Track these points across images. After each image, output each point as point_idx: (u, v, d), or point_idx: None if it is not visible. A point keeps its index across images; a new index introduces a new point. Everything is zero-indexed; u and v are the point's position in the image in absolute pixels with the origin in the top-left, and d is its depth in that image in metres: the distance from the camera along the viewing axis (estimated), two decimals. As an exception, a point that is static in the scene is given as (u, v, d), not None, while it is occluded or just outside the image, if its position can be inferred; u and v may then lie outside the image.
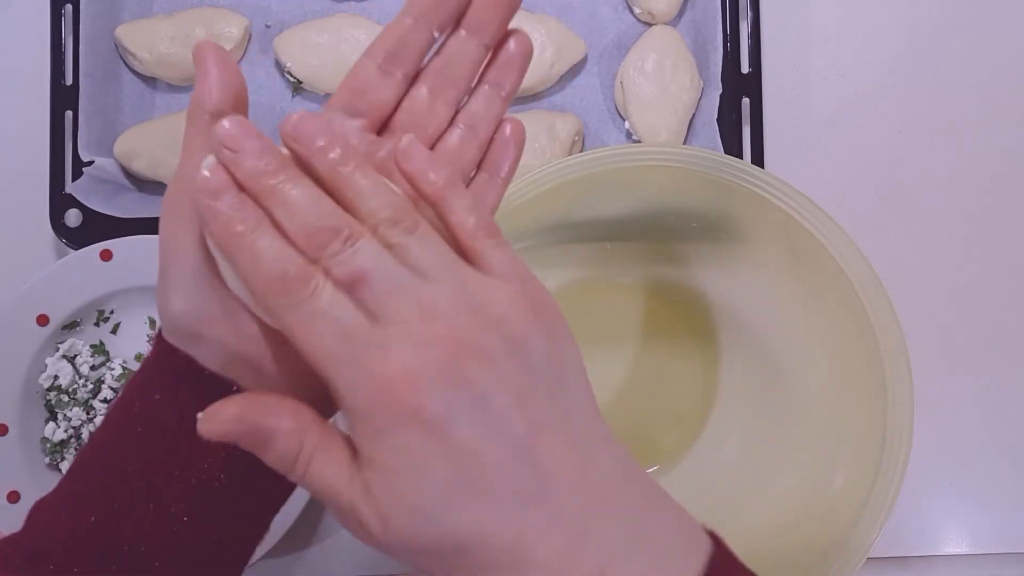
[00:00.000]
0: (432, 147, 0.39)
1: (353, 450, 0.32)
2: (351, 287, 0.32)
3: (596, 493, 0.32)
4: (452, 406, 0.30)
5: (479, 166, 0.40)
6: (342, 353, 0.31)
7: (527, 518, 0.31)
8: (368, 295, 0.32)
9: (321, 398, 0.36)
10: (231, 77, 0.36)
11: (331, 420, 0.35)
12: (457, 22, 0.39)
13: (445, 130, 0.40)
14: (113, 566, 0.35)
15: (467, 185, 0.40)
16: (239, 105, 0.36)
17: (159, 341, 0.37)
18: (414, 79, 0.39)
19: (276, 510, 0.39)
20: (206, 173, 0.33)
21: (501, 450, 0.31)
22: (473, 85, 0.40)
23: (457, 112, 0.40)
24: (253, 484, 0.37)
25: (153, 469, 0.35)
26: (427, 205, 0.35)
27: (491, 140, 0.40)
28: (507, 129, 0.40)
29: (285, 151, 0.34)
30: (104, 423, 0.37)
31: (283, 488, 0.38)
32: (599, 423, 0.34)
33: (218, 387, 0.35)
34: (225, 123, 0.33)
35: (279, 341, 0.35)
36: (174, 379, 0.36)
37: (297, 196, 0.33)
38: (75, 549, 0.35)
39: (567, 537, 0.31)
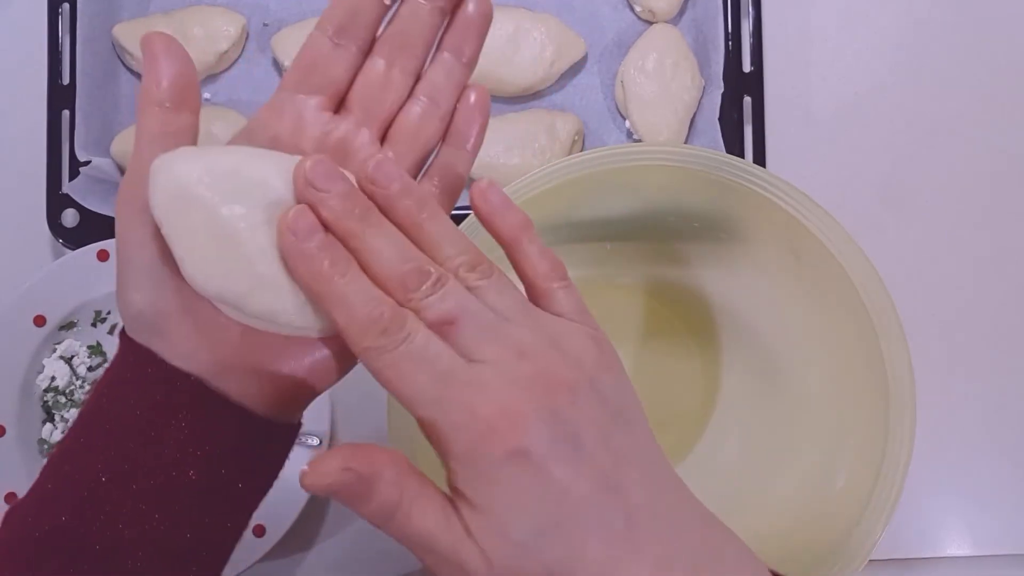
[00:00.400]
0: (392, 120, 0.39)
1: (445, 496, 0.33)
2: (443, 329, 0.33)
3: (673, 524, 0.33)
4: (551, 443, 0.31)
5: (444, 138, 0.40)
6: (441, 393, 0.32)
7: (616, 548, 0.32)
8: (461, 336, 0.33)
9: (282, 395, 0.36)
10: (180, 66, 0.35)
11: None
12: None
13: (405, 102, 0.39)
14: (86, 566, 0.34)
15: (432, 160, 0.40)
16: (189, 95, 0.36)
17: (122, 338, 0.36)
18: (368, 50, 0.38)
19: (252, 509, 0.38)
20: (291, 216, 0.33)
21: (592, 484, 0.32)
22: (432, 53, 0.39)
23: (417, 82, 0.39)
24: (227, 482, 0.36)
25: (123, 467, 0.35)
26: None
27: (454, 110, 0.39)
28: (471, 96, 0.39)
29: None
30: (75, 423, 0.37)
31: (258, 487, 0.38)
32: (663, 456, 0.35)
33: (183, 382, 0.35)
34: (311, 163, 0.33)
35: (241, 334, 0.35)
36: (138, 375, 0.35)
37: (384, 239, 0.34)
38: (47, 549, 0.35)
39: (651, 567, 0.32)
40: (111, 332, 0.65)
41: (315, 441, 0.60)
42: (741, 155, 0.65)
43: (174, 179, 0.33)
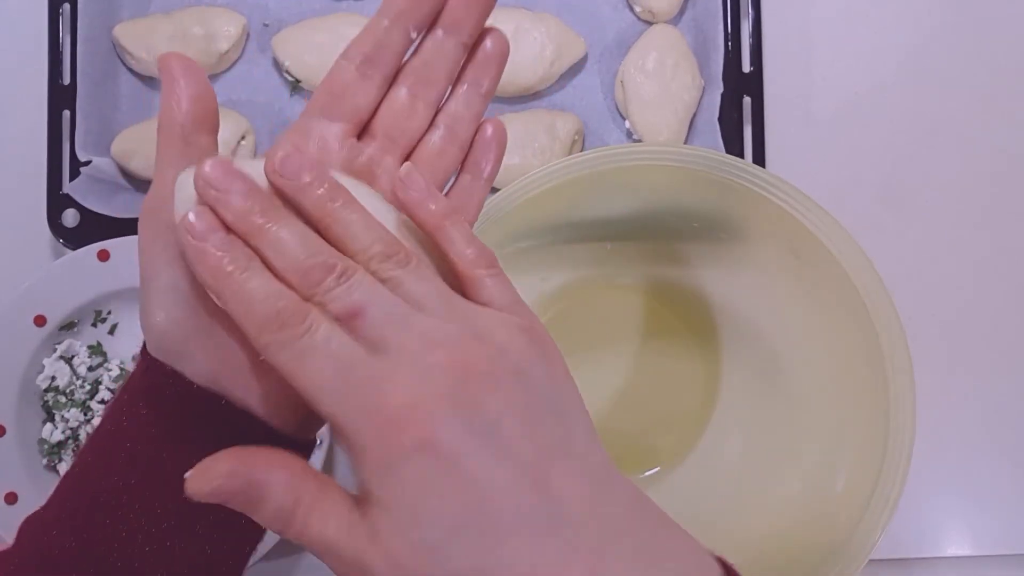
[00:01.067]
0: (413, 149, 0.39)
1: (350, 499, 0.31)
2: (348, 321, 0.31)
3: (608, 520, 0.31)
4: (462, 432, 0.29)
5: (461, 167, 0.40)
6: (343, 387, 0.30)
7: (541, 549, 0.29)
8: (367, 327, 0.31)
9: (304, 411, 0.35)
10: (199, 87, 0.35)
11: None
12: (433, 22, 0.39)
13: (425, 131, 0.40)
14: None
15: (450, 187, 0.41)
16: (209, 116, 0.36)
17: (144, 356, 0.36)
18: (392, 80, 0.39)
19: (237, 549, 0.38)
20: (191, 218, 0.32)
21: (512, 477, 0.30)
22: (452, 85, 0.40)
23: (437, 113, 0.40)
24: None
25: (142, 485, 0.35)
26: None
27: (472, 141, 0.40)
28: (488, 130, 0.40)
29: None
30: (93, 437, 0.37)
31: None
32: (601, 451, 0.33)
33: (206, 402, 0.35)
34: (208, 165, 0.33)
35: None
36: (160, 394, 0.35)
37: (287, 235, 0.33)
38: (66, 567, 0.34)
39: (583, 568, 0.30)
40: (111, 332, 0.65)
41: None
42: (741, 155, 0.65)
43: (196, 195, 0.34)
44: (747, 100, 0.66)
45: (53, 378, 0.63)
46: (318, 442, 0.57)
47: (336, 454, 0.64)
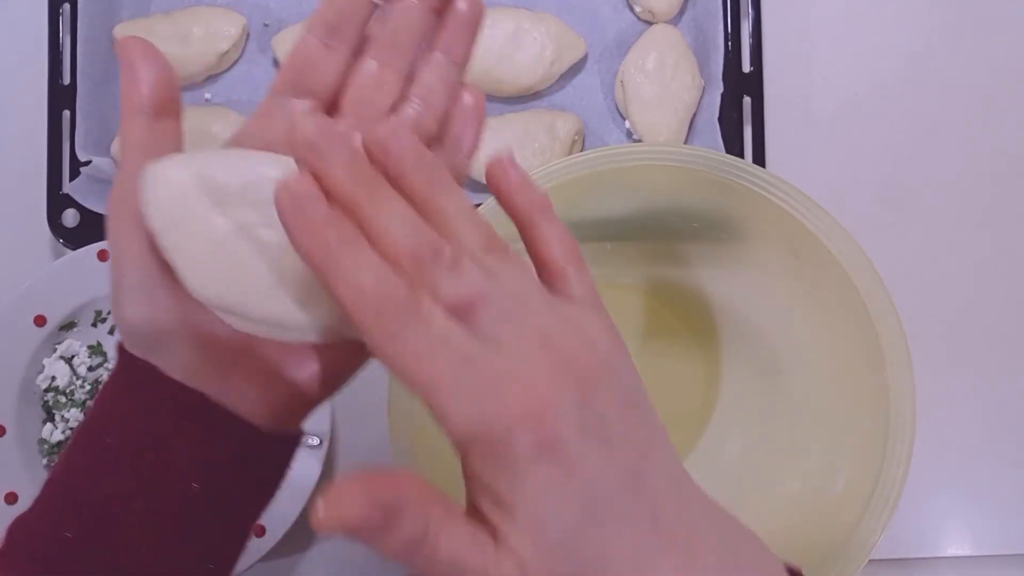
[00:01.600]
0: None
1: (462, 510, 0.31)
2: (462, 311, 0.30)
3: (694, 521, 0.32)
4: (581, 433, 0.29)
5: (438, 141, 0.38)
6: (468, 380, 0.29)
7: (644, 547, 0.30)
8: (481, 319, 0.30)
9: (284, 405, 0.36)
10: (160, 70, 0.34)
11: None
12: None
13: (397, 104, 0.38)
14: None
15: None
16: (172, 99, 0.35)
17: (120, 352, 0.36)
18: (359, 51, 0.37)
19: (256, 520, 0.38)
20: (290, 183, 0.30)
21: (621, 477, 0.30)
22: (425, 53, 0.38)
23: (411, 84, 0.38)
24: (231, 494, 0.36)
25: (127, 483, 0.34)
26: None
27: (448, 112, 0.38)
28: (467, 98, 0.38)
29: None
30: (76, 436, 0.36)
31: (262, 498, 0.38)
32: (674, 450, 0.33)
33: (185, 396, 0.34)
34: (312, 125, 0.31)
35: (241, 345, 0.35)
36: (140, 391, 0.35)
37: (395, 213, 0.31)
38: (53, 565, 0.34)
39: (676, 563, 0.31)
40: (111, 332, 0.65)
41: (315, 441, 0.60)
42: (741, 155, 0.65)
43: (166, 187, 0.33)
44: (747, 100, 0.66)
45: (53, 378, 0.63)
46: (317, 441, 0.57)
47: (336, 455, 0.64)
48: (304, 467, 0.59)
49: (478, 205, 0.54)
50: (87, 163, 0.64)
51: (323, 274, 0.30)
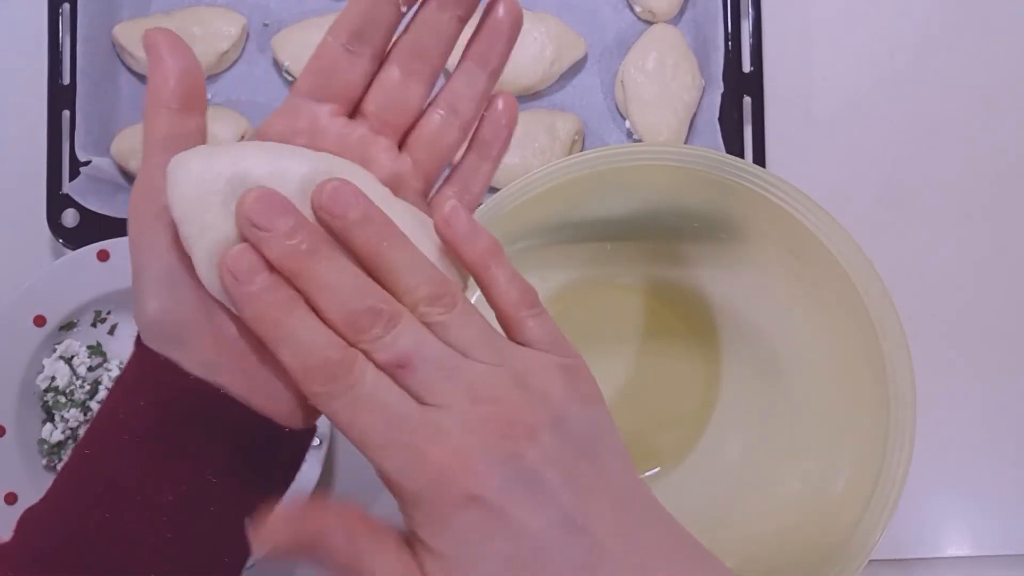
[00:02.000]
0: (409, 130, 0.38)
1: (401, 540, 0.32)
2: (395, 371, 0.32)
3: (646, 554, 0.32)
4: (508, 487, 0.30)
5: (468, 146, 0.39)
6: (394, 439, 0.31)
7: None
8: (414, 379, 0.32)
9: (299, 400, 0.36)
10: (188, 64, 0.34)
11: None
12: None
13: (424, 111, 0.38)
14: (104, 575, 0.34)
15: (454, 167, 0.39)
16: (198, 94, 0.35)
17: (138, 347, 0.36)
18: (383, 58, 0.37)
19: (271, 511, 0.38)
20: (232, 260, 0.32)
21: (554, 523, 0.31)
22: (457, 61, 0.38)
23: (439, 92, 0.38)
24: (244, 491, 0.36)
25: (141, 478, 0.34)
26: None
27: (479, 119, 0.38)
28: (499, 104, 0.38)
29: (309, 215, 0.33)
30: (90, 430, 0.36)
31: (274, 494, 0.38)
32: (639, 484, 0.34)
33: (202, 393, 0.35)
34: (251, 198, 0.32)
35: (257, 341, 0.34)
36: (157, 386, 0.35)
37: (334, 277, 0.32)
38: (64, 558, 0.34)
39: None
40: (111, 332, 0.65)
41: (315, 441, 0.60)
42: (741, 155, 0.65)
43: (192, 178, 0.33)
44: (747, 100, 0.66)
45: (53, 378, 0.63)
46: (317, 442, 0.57)
47: (336, 455, 0.64)
48: (304, 468, 0.59)
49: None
50: (87, 163, 0.64)
51: (266, 340, 0.32)
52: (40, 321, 0.62)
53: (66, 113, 0.65)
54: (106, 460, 0.35)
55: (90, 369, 0.64)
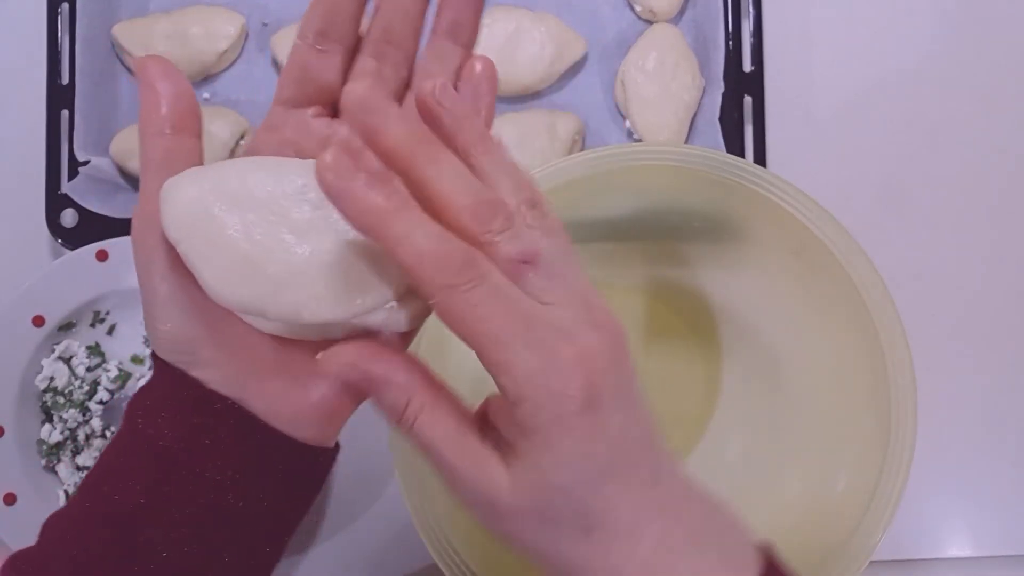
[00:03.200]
0: None
1: (463, 411, 0.33)
2: (519, 267, 0.31)
3: (684, 483, 0.34)
4: (617, 390, 0.32)
5: None
6: (526, 333, 0.30)
7: (643, 502, 0.32)
8: (537, 276, 0.31)
9: (317, 413, 0.36)
10: (179, 88, 0.34)
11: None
12: None
13: (403, 97, 0.38)
14: None
15: None
16: (192, 117, 0.35)
17: (156, 362, 0.36)
18: (355, 50, 0.37)
19: (291, 533, 0.38)
20: (329, 157, 0.30)
21: (639, 434, 0.33)
22: (428, 38, 0.37)
23: (414, 75, 0.38)
24: (265, 507, 0.36)
25: (163, 491, 0.35)
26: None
27: (457, 89, 0.37)
28: (476, 67, 0.37)
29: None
30: (113, 443, 0.37)
31: (296, 511, 0.38)
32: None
33: (219, 405, 0.35)
34: (361, 88, 0.32)
35: (274, 352, 0.35)
36: (177, 401, 0.35)
37: (453, 169, 0.31)
38: (86, 566, 0.34)
39: (668, 521, 0.33)
40: (110, 332, 0.65)
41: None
42: (742, 155, 0.65)
43: (184, 198, 0.33)
44: (748, 99, 0.66)
45: (52, 379, 0.63)
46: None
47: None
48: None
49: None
50: (86, 163, 0.64)
51: (381, 239, 0.30)
52: (39, 321, 0.62)
53: (65, 113, 0.65)
54: (130, 474, 0.35)
55: (89, 370, 0.64)
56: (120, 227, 0.63)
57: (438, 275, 0.30)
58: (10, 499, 0.61)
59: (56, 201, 0.64)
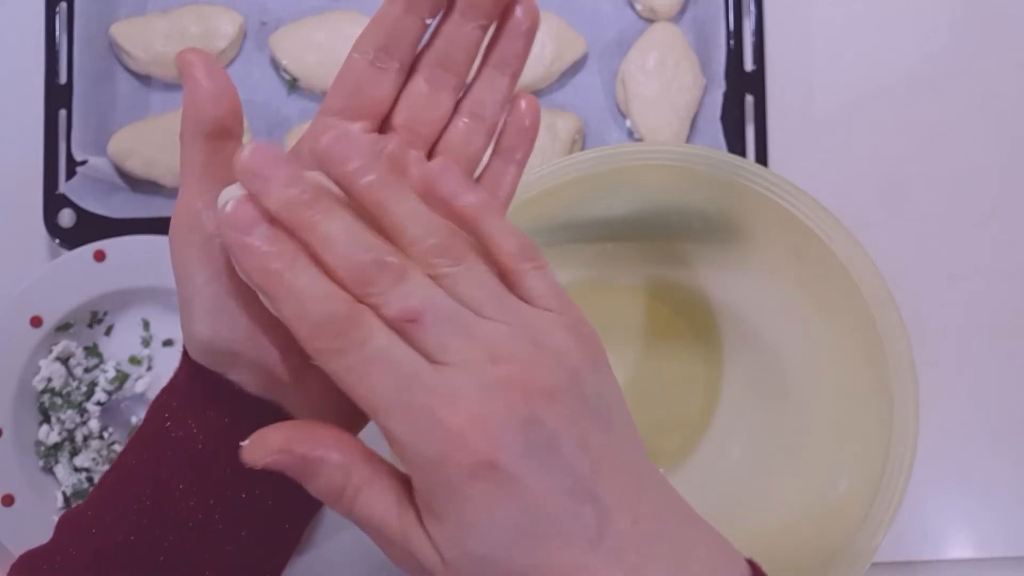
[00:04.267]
0: (437, 140, 0.38)
1: (403, 482, 0.31)
2: (405, 326, 0.30)
3: (650, 524, 0.31)
4: (524, 452, 0.29)
5: (493, 151, 0.38)
6: (404, 400, 0.29)
7: (590, 558, 0.30)
8: (425, 336, 0.30)
9: (351, 412, 0.35)
10: (224, 86, 0.33)
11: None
12: (449, 5, 0.36)
13: (450, 119, 0.38)
14: None
15: (480, 172, 0.39)
16: (236, 118, 0.34)
17: (188, 362, 0.35)
18: (410, 70, 0.37)
19: (308, 521, 0.38)
20: (230, 208, 0.30)
21: (568, 493, 0.30)
22: (479, 67, 0.38)
23: (461, 98, 0.38)
24: (293, 503, 0.36)
25: (186, 495, 0.35)
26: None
27: (503, 123, 0.38)
28: (521, 105, 0.38)
29: (311, 174, 0.32)
30: (137, 439, 0.36)
31: (315, 506, 0.37)
32: (642, 451, 0.33)
33: (261, 410, 0.34)
34: (248, 150, 0.30)
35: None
36: (209, 404, 0.35)
37: (337, 227, 0.30)
38: (102, 565, 0.34)
39: (625, 572, 0.30)
40: (107, 333, 0.64)
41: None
42: (743, 154, 0.64)
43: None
44: (749, 99, 0.65)
45: (49, 379, 0.62)
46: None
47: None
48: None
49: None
50: (83, 163, 0.63)
51: (267, 296, 0.30)
52: (36, 322, 0.62)
53: (63, 112, 0.64)
54: (151, 473, 0.35)
55: (86, 370, 0.63)
56: (118, 227, 0.63)
57: (316, 337, 0.30)
58: (8, 500, 0.61)
59: (54, 201, 0.64)
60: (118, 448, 0.63)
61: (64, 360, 0.63)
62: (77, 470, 0.63)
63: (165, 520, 0.34)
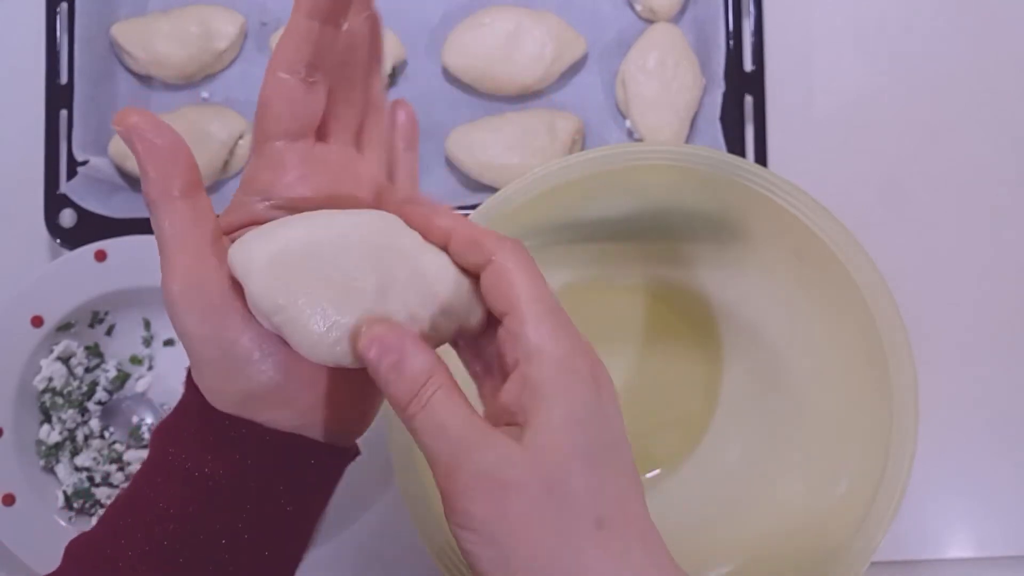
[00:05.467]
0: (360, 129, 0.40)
1: (471, 405, 0.34)
2: None
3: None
4: (611, 389, 0.37)
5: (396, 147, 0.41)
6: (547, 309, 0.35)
7: (636, 486, 0.35)
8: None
9: (362, 421, 0.38)
10: (175, 137, 0.33)
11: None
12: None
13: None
14: None
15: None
16: (195, 172, 0.34)
17: (197, 407, 0.36)
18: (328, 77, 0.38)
19: (315, 524, 0.39)
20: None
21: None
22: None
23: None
24: (304, 508, 0.37)
25: (200, 514, 0.35)
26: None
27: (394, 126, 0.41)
28: (400, 115, 0.41)
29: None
30: (147, 464, 0.37)
31: (318, 513, 0.39)
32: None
33: (273, 439, 0.35)
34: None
35: (327, 378, 0.36)
36: (223, 438, 0.35)
37: None
38: None
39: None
40: (108, 333, 0.64)
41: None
42: (742, 154, 0.64)
43: (266, 262, 0.33)
44: (749, 99, 0.65)
45: (50, 379, 0.62)
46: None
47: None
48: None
49: (474, 207, 0.53)
50: (84, 163, 0.64)
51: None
52: (37, 322, 0.62)
53: (64, 112, 0.65)
54: (169, 488, 0.35)
55: (87, 370, 0.63)
56: (119, 227, 0.63)
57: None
58: (9, 500, 0.61)
59: (55, 201, 0.64)
60: (119, 448, 0.64)
61: (65, 360, 0.63)
62: (78, 470, 0.63)
63: (177, 534, 0.35)
